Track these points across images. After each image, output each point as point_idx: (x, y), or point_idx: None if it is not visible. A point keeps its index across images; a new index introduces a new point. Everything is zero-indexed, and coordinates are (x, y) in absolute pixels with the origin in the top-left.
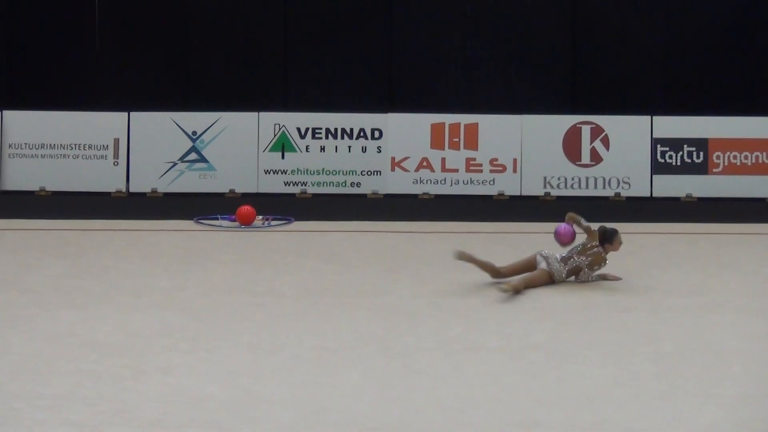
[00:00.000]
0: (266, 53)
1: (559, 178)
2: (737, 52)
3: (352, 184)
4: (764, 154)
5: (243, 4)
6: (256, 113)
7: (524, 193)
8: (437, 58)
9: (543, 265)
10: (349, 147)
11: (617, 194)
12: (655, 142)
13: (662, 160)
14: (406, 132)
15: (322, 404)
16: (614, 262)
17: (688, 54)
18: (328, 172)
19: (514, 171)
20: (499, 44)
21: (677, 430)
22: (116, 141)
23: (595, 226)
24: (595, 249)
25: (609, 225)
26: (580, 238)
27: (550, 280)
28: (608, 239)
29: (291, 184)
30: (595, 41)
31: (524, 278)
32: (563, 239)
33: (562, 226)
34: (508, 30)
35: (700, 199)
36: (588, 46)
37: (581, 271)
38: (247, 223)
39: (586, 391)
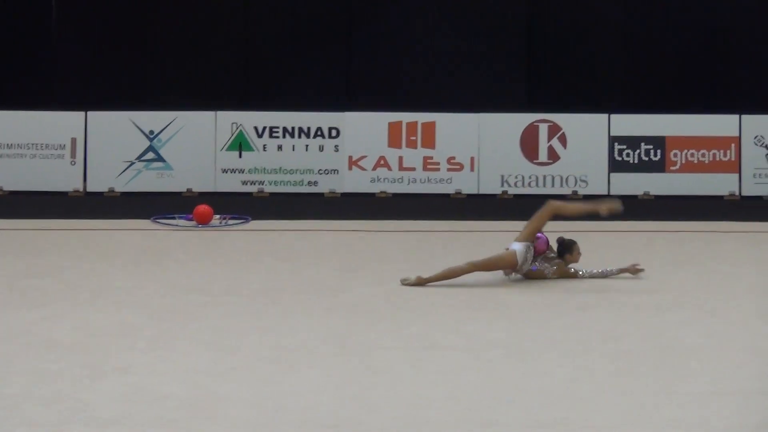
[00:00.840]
0: (224, 52)
1: (516, 177)
2: (695, 50)
3: (309, 183)
4: (722, 152)
5: (201, 3)
6: (214, 112)
7: (482, 192)
8: (395, 57)
9: (512, 248)
10: (307, 146)
11: (575, 192)
12: (612, 140)
13: (620, 158)
14: (364, 131)
15: (280, 403)
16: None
17: (646, 52)
18: (285, 171)
19: (472, 169)
20: (457, 43)
21: (636, 427)
22: (73, 140)
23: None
24: (557, 260)
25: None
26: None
27: (512, 262)
28: (568, 249)
29: (248, 183)
30: (552, 39)
31: (446, 271)
32: (538, 247)
33: (540, 236)
34: (465, 28)
35: (658, 197)
36: (545, 45)
37: (544, 278)
38: (204, 222)
39: (545, 389)
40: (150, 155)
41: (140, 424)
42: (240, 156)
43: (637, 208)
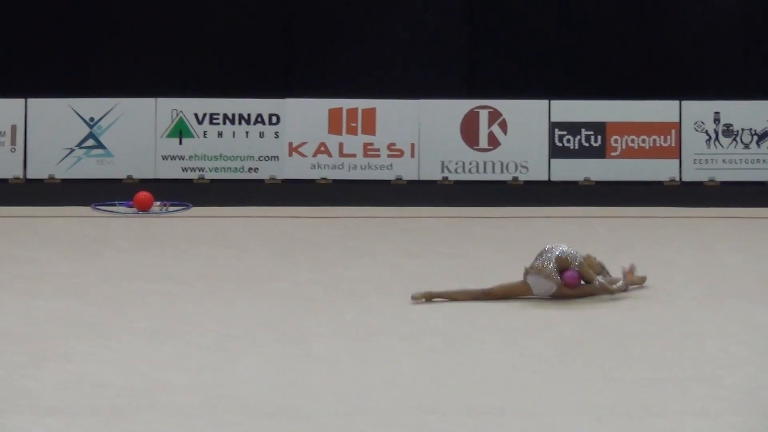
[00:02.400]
0: (164, 39)
1: (456, 163)
2: (635, 36)
3: (249, 170)
4: (662, 137)
5: None
6: (154, 99)
7: (422, 178)
8: (335, 43)
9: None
10: (247, 132)
11: (515, 178)
12: (552, 126)
13: (560, 144)
14: (304, 117)
15: (220, 390)
16: (507, 246)
17: (586, 38)
18: (225, 158)
19: (412, 156)
20: (397, 29)
21: (577, 414)
22: (13, 127)
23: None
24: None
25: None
26: None
27: (526, 292)
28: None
29: (189, 170)
30: (492, 25)
31: (457, 293)
32: (570, 282)
33: (570, 274)
34: (405, 15)
35: (598, 183)
36: (485, 31)
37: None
38: (144, 209)
39: (485, 376)
40: (90, 142)
41: (81, 411)
42: (180, 143)
43: (577, 194)
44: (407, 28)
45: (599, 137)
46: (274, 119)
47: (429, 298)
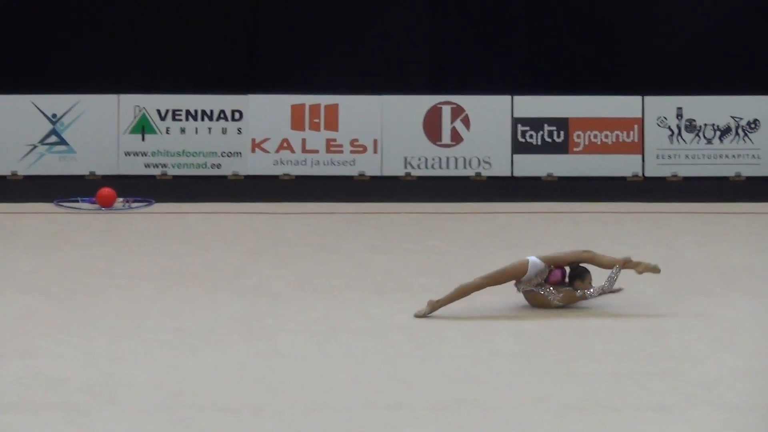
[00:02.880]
0: (126, 35)
1: (419, 159)
2: (597, 32)
3: (212, 166)
4: (624, 133)
5: None
6: (116, 95)
7: (385, 174)
8: (297, 39)
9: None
10: (210, 128)
11: (478, 174)
12: (515, 121)
13: (523, 140)
14: (266, 113)
15: (182, 386)
16: (472, 241)
17: (549, 34)
18: (188, 154)
19: (375, 151)
20: (360, 24)
21: (539, 408)
22: None
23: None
24: (565, 287)
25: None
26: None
27: (522, 270)
28: (579, 277)
29: (151, 166)
30: (454, 21)
31: (458, 290)
32: (552, 278)
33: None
34: (368, 10)
35: (561, 179)
36: (448, 26)
37: (548, 305)
38: (107, 205)
39: (448, 371)
40: (53, 138)
41: (40, 407)
42: (143, 139)
43: (540, 190)
44: (370, 24)
45: (562, 133)
46: (236, 115)
47: (434, 308)
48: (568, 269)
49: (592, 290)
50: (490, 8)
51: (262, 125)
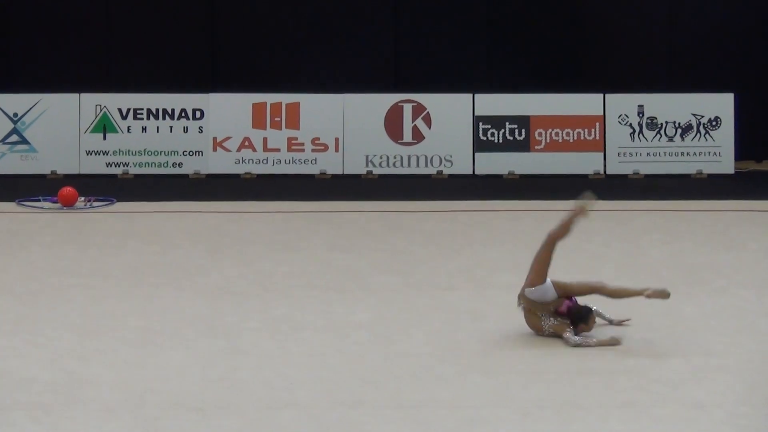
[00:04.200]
0: (87, 34)
1: (381, 157)
2: (559, 30)
3: (174, 165)
4: (586, 130)
5: None
6: (77, 95)
7: (346, 172)
8: (259, 37)
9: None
10: (171, 127)
11: (439, 172)
12: (476, 119)
13: (484, 138)
14: (228, 112)
15: (146, 385)
16: (433, 239)
17: (510, 31)
18: (150, 153)
19: (336, 150)
20: (321, 23)
21: (502, 407)
22: None
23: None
24: (564, 320)
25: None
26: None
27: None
28: (583, 320)
29: (113, 165)
30: (416, 19)
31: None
32: (560, 310)
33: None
34: (329, 8)
35: (523, 177)
36: (410, 24)
37: (539, 329)
38: (69, 204)
39: (410, 369)
40: (14, 138)
41: (5, 407)
42: (104, 138)
43: (502, 188)
44: (331, 22)
45: (523, 131)
46: (198, 114)
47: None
48: (573, 303)
49: (582, 336)
50: (451, 7)
51: (224, 124)
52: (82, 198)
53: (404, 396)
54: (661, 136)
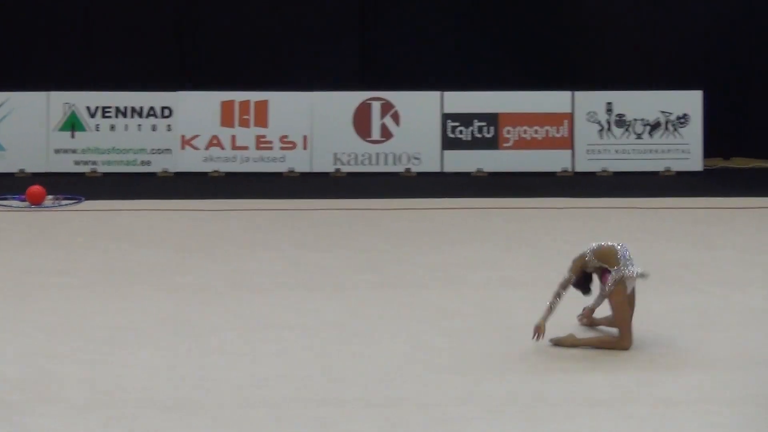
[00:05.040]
0: (56, 33)
1: (349, 155)
2: (527, 27)
3: (142, 163)
4: (555, 128)
5: None
6: (46, 93)
7: (315, 170)
8: (227, 35)
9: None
10: (139, 125)
11: (408, 170)
12: (445, 117)
13: (453, 136)
14: (196, 110)
15: (116, 383)
16: (402, 237)
17: (478, 29)
18: (118, 151)
19: (305, 148)
20: (289, 21)
21: (472, 405)
22: None
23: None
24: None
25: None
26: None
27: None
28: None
29: (81, 163)
30: (384, 16)
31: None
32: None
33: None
34: (297, 6)
35: (491, 174)
36: (378, 22)
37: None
38: (37, 202)
39: (381, 367)
40: None
41: None
42: (73, 136)
43: (470, 185)
44: (299, 20)
45: (492, 128)
46: (166, 112)
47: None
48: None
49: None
50: (419, 4)
51: (192, 122)
52: (51, 196)
53: (374, 394)
54: (629, 133)
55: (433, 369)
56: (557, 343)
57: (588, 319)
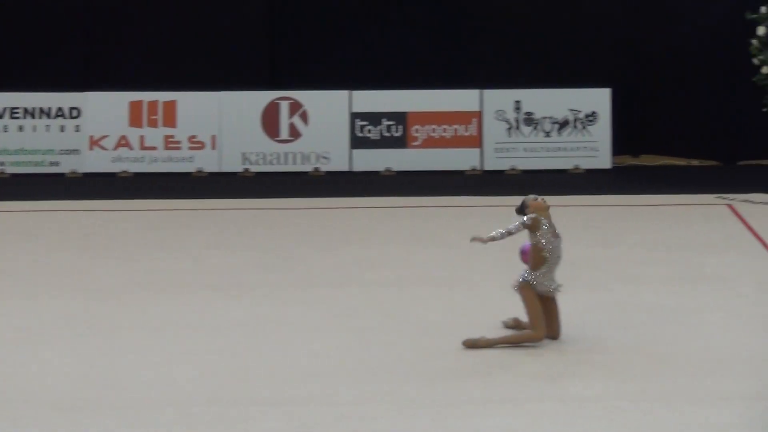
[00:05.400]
0: None
1: (258, 154)
2: (434, 25)
3: (51, 164)
4: (463, 126)
5: None
6: None
7: (223, 170)
8: (135, 36)
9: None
10: (48, 126)
11: (316, 169)
12: (353, 116)
13: (361, 135)
14: (105, 111)
15: (23, 384)
16: (309, 236)
17: (385, 28)
18: (26, 152)
19: (213, 148)
20: (197, 20)
21: (378, 404)
22: None
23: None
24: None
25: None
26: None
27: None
28: (521, 209)
29: None
30: (292, 17)
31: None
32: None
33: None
34: (205, 6)
35: (400, 173)
36: (286, 22)
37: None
38: None
39: (287, 366)
40: None
41: None
42: None
43: (379, 184)
44: (208, 20)
45: (400, 127)
46: (74, 113)
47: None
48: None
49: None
50: (327, 4)
51: (101, 123)
52: None
53: (281, 393)
54: (538, 131)
55: (339, 367)
56: (472, 345)
57: (513, 322)
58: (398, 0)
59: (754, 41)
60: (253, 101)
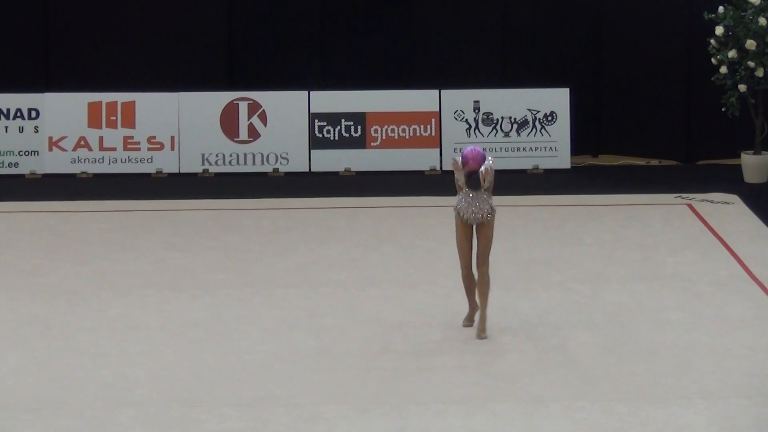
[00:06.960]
0: None
1: (217, 155)
2: (392, 25)
3: (9, 165)
4: (422, 126)
5: None
6: None
7: (183, 171)
8: (93, 36)
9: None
10: (6, 127)
11: (276, 170)
12: (312, 117)
13: (320, 135)
14: (63, 111)
15: None
16: (269, 237)
17: (343, 28)
18: None
19: (172, 148)
20: (156, 20)
21: (340, 404)
22: None
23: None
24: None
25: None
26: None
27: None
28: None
29: None
30: (251, 17)
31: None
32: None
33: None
34: (162, 5)
35: (359, 173)
36: (244, 22)
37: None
38: None
39: (247, 367)
40: None
41: None
42: None
43: (338, 185)
44: (165, 20)
45: (359, 127)
46: (33, 114)
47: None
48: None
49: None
50: (284, 4)
51: (59, 123)
52: None
53: (242, 394)
54: (497, 131)
55: (300, 368)
56: (483, 328)
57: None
58: (354, 1)
59: (713, 41)
60: (212, 102)
